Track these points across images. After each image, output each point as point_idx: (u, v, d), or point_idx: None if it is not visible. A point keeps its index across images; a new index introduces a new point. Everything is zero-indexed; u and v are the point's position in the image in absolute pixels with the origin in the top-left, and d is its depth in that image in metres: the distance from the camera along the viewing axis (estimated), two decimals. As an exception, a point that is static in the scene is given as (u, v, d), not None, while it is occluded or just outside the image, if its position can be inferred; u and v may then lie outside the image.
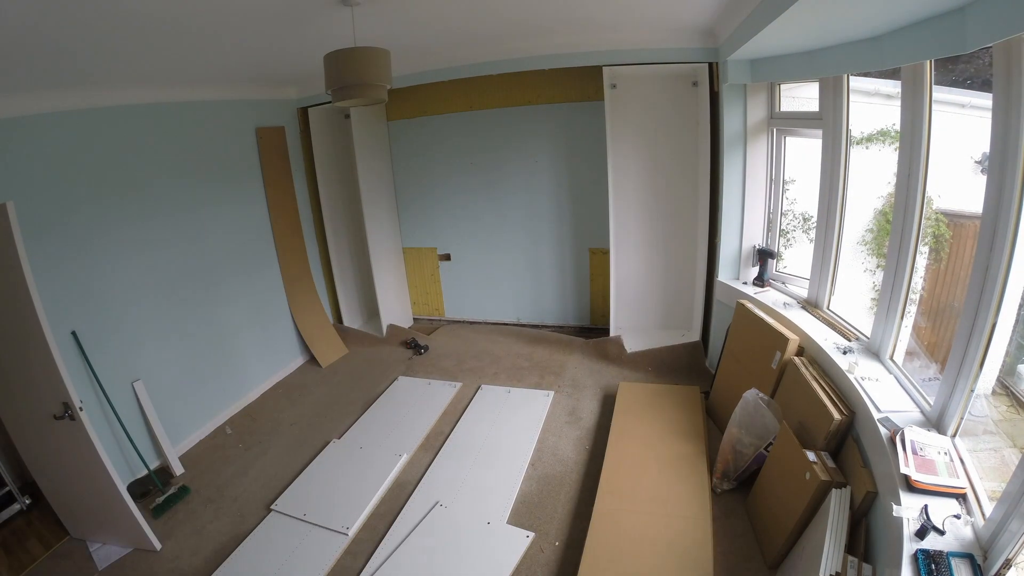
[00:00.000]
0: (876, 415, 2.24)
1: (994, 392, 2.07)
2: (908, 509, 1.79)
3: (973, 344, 1.92)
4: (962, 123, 2.32)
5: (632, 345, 4.66)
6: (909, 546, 1.70)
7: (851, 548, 2.03)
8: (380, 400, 4.37)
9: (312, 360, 5.28)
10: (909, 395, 2.38)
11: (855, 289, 3.22)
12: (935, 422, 2.15)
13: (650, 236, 4.70)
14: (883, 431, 2.14)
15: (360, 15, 2.49)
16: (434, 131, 5.41)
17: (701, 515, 2.70)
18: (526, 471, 3.34)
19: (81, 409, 2.65)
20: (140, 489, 3.43)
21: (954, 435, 2.06)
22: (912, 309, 2.61)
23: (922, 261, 2.54)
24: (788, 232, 3.85)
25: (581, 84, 4.61)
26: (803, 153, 3.54)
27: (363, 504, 3.14)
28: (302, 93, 5.01)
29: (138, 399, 3.62)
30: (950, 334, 2.10)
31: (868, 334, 2.82)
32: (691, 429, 3.38)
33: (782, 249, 3.88)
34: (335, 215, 5.55)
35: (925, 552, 1.66)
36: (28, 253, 2.51)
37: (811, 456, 2.35)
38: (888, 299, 2.58)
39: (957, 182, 2.44)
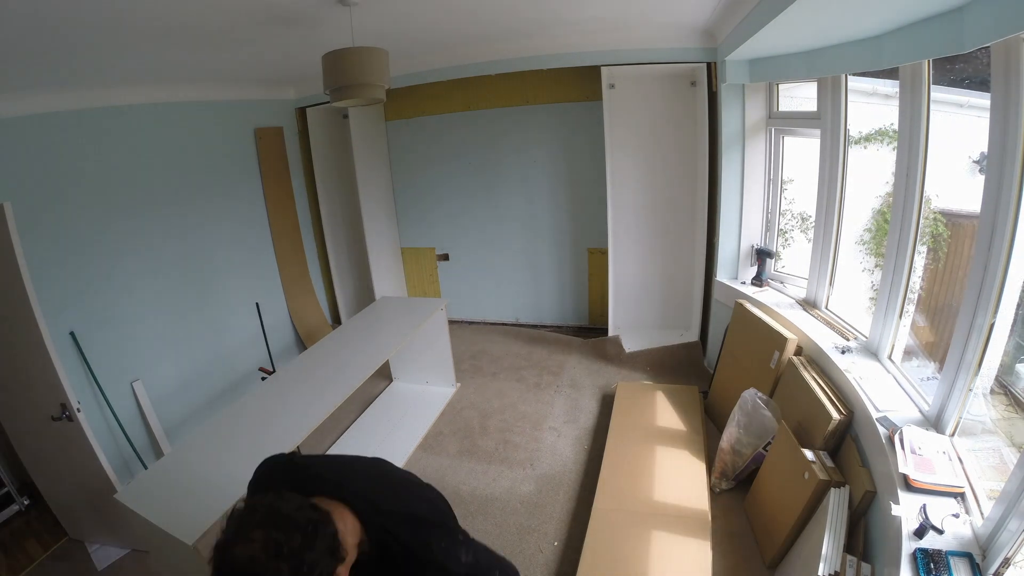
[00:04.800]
0: (874, 414, 2.24)
1: (992, 391, 2.07)
2: (907, 508, 1.79)
3: (971, 343, 1.92)
4: (960, 123, 2.33)
5: (630, 345, 4.66)
6: (908, 545, 1.70)
7: (850, 547, 2.03)
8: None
9: (311, 360, 5.27)
10: (907, 394, 2.38)
11: (853, 289, 3.23)
12: (933, 421, 2.15)
13: (649, 236, 4.70)
14: (882, 430, 2.14)
15: (358, 15, 2.49)
16: (432, 131, 5.41)
17: (700, 515, 2.69)
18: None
19: (79, 410, 2.64)
20: (138, 490, 3.42)
21: (952, 434, 2.07)
22: (910, 308, 2.61)
23: (920, 261, 2.54)
24: (786, 232, 3.86)
25: (579, 84, 4.61)
26: (801, 153, 3.55)
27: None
28: (300, 93, 5.01)
29: (137, 399, 3.62)
30: (948, 333, 2.10)
31: (866, 334, 2.82)
32: (690, 429, 3.38)
33: (780, 249, 3.88)
34: (333, 215, 5.55)
35: (924, 551, 1.66)
36: (26, 253, 2.50)
37: (810, 455, 2.35)
38: (886, 299, 2.58)
39: (955, 182, 2.44)
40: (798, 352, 3.00)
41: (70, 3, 1.86)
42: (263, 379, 3.20)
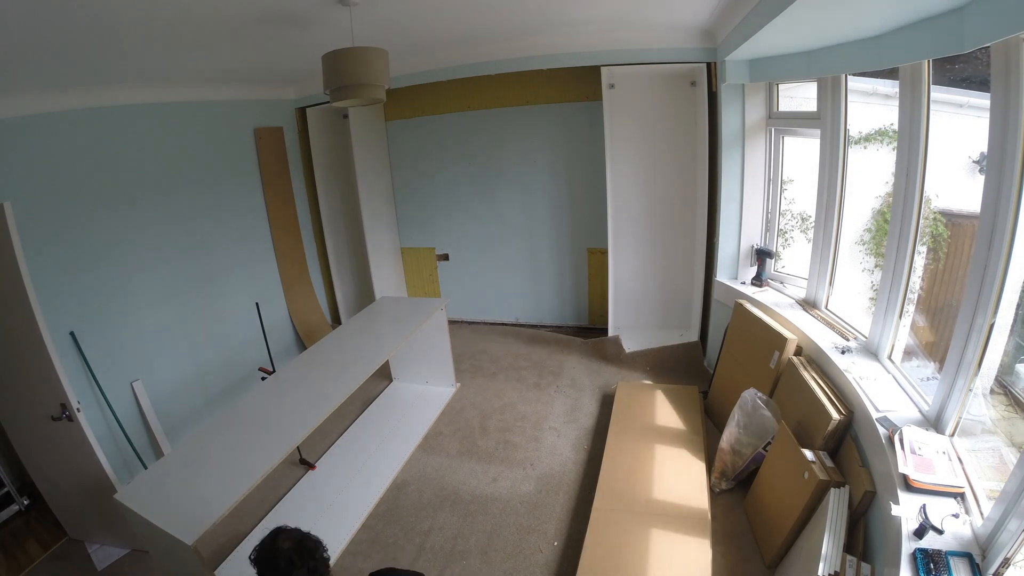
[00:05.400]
0: (874, 415, 2.24)
1: (992, 391, 2.07)
2: (906, 508, 1.79)
3: (971, 343, 1.92)
4: (960, 123, 2.33)
5: (630, 345, 4.66)
6: (907, 545, 1.70)
7: (850, 547, 2.03)
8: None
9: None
10: (907, 395, 2.38)
11: (853, 289, 3.23)
12: (933, 421, 2.15)
13: (648, 236, 4.70)
14: (881, 431, 2.14)
15: (358, 15, 2.49)
16: (432, 131, 5.41)
17: (699, 515, 2.69)
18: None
19: (79, 410, 2.64)
20: (138, 490, 3.42)
21: (952, 434, 2.07)
22: (910, 309, 2.61)
23: (920, 261, 2.54)
24: (786, 232, 3.86)
25: (579, 84, 4.61)
26: (801, 153, 3.55)
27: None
28: (300, 93, 5.01)
29: (137, 399, 3.61)
30: (948, 333, 2.10)
31: (866, 334, 2.82)
32: (689, 429, 3.38)
33: (780, 249, 3.88)
34: (333, 215, 5.55)
35: (924, 551, 1.66)
36: (26, 253, 2.50)
37: (809, 455, 2.35)
38: (886, 299, 2.58)
39: (955, 182, 2.44)
40: (798, 352, 3.00)
41: (71, 3, 1.86)
42: (263, 379, 3.21)
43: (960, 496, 1.85)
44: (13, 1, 1.75)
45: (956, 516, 1.75)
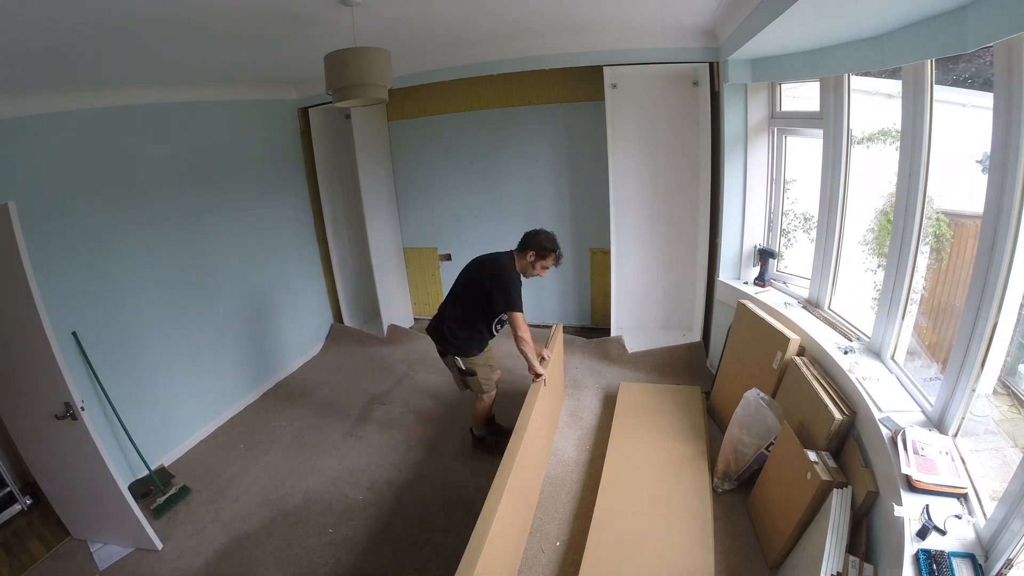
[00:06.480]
0: (877, 415, 2.24)
1: (995, 392, 2.06)
2: (909, 509, 1.79)
3: (974, 344, 1.91)
4: (963, 122, 2.32)
5: (633, 345, 4.66)
6: (910, 546, 1.69)
7: (852, 548, 2.03)
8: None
9: (311, 362, 5.30)
10: (910, 395, 2.38)
11: (856, 289, 3.22)
12: (936, 422, 2.14)
13: (651, 236, 4.70)
14: (884, 431, 2.14)
15: (360, 15, 2.50)
16: (434, 131, 5.41)
17: (702, 515, 2.69)
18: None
19: (83, 409, 2.65)
20: (141, 489, 3.43)
21: (955, 435, 2.06)
22: (913, 309, 2.60)
23: (923, 261, 2.54)
24: (789, 232, 3.85)
25: (582, 84, 4.60)
26: (804, 153, 3.54)
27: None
28: (302, 93, 5.01)
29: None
30: (951, 334, 2.09)
31: (869, 334, 2.82)
32: (692, 429, 3.38)
33: (783, 249, 3.87)
34: (336, 215, 5.56)
35: (926, 552, 1.65)
36: (29, 253, 2.50)
37: (812, 456, 2.34)
38: (889, 299, 2.58)
39: (958, 182, 2.43)
40: (800, 352, 3.00)
41: (75, 3, 1.87)
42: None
43: (963, 497, 1.85)
44: (16, 2, 1.76)
45: (959, 517, 1.75)
